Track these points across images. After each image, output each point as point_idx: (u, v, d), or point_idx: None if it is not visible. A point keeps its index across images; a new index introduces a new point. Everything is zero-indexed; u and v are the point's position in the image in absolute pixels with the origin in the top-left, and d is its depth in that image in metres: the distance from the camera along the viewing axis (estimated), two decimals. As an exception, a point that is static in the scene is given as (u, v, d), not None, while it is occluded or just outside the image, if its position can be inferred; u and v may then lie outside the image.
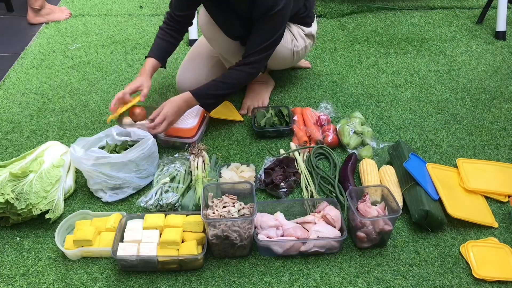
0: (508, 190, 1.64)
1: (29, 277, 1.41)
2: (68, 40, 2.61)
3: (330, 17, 2.80)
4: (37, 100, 2.15)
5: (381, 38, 2.60)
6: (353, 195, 1.51)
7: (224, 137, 1.93)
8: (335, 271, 1.41)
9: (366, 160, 1.73)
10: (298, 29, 1.96)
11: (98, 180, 1.60)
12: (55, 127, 1.99)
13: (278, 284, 1.38)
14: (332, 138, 1.85)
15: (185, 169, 1.69)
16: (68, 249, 1.43)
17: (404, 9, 2.87)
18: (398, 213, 1.40)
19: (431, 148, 1.86)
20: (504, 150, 1.84)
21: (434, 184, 1.60)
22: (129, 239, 1.42)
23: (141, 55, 2.47)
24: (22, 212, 1.49)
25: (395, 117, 2.02)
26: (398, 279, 1.39)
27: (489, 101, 2.11)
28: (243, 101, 2.10)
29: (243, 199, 1.53)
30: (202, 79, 1.98)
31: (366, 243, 1.46)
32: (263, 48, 1.71)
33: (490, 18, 2.72)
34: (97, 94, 2.18)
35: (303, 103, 2.11)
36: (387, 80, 2.26)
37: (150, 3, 3.00)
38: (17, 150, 1.87)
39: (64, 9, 2.85)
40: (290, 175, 1.67)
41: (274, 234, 1.46)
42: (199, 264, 1.41)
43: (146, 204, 1.58)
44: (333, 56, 2.45)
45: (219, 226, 1.39)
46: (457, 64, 2.37)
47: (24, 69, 2.37)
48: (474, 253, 1.44)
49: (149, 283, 1.38)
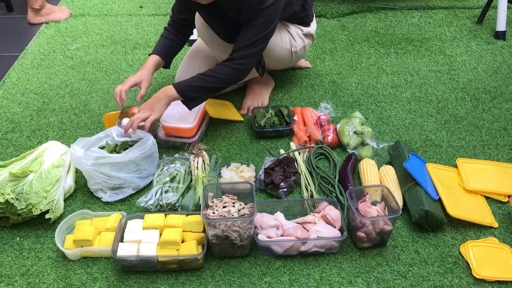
0: (508, 190, 1.64)
1: (29, 277, 1.41)
2: (68, 40, 2.61)
3: (330, 17, 2.81)
4: (37, 100, 2.15)
5: (381, 38, 2.60)
6: (353, 195, 1.51)
7: (224, 137, 1.93)
8: (335, 271, 1.41)
9: (366, 160, 1.73)
10: (296, 29, 1.96)
11: (98, 180, 1.60)
12: (55, 127, 1.99)
13: (278, 284, 1.38)
14: (332, 138, 1.85)
15: (185, 169, 1.69)
16: (68, 249, 1.43)
17: (404, 9, 2.87)
18: (398, 213, 1.40)
19: (431, 148, 1.86)
20: (504, 150, 1.84)
21: (434, 184, 1.60)
22: (129, 239, 1.42)
23: (141, 55, 2.47)
24: (22, 212, 1.49)
25: (395, 117, 2.02)
26: (398, 279, 1.39)
27: (489, 101, 2.11)
28: (243, 101, 2.10)
29: (243, 199, 1.53)
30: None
31: (366, 243, 1.46)
32: (249, 44, 1.68)
33: (490, 18, 2.72)
34: (97, 94, 2.19)
35: (303, 103, 2.11)
36: (387, 80, 2.26)
37: (150, 3, 3.00)
38: (17, 150, 1.87)
39: (64, 9, 2.85)
40: (290, 175, 1.67)
41: (274, 234, 1.46)
42: (199, 264, 1.41)
43: (146, 204, 1.58)
44: (333, 56, 2.45)
45: (219, 226, 1.39)
46: (457, 64, 2.37)
47: (24, 69, 2.37)
48: (474, 253, 1.44)
49: (149, 283, 1.39)
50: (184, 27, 1.94)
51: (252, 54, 1.70)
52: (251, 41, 1.68)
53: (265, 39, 1.71)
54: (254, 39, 1.68)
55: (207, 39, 1.90)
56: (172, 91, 1.68)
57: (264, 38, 1.71)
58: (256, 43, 1.69)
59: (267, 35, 1.70)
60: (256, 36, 1.68)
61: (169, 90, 1.69)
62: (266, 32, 1.69)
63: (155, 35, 2.65)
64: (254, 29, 1.68)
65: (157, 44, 1.92)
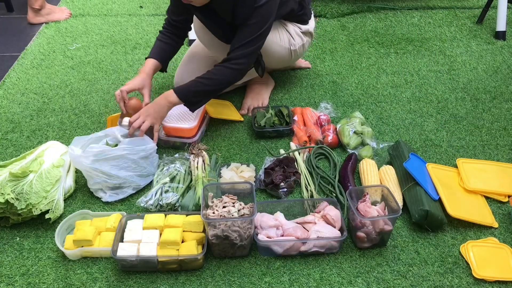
0: (508, 190, 1.64)
1: (29, 277, 1.41)
2: (68, 40, 2.61)
3: (330, 17, 2.81)
4: (37, 100, 2.15)
5: (381, 38, 2.60)
6: (353, 195, 1.51)
7: (224, 137, 1.93)
8: (335, 271, 1.41)
9: (366, 160, 1.73)
10: (294, 27, 1.95)
11: (98, 180, 1.60)
12: (55, 127, 1.99)
13: (278, 284, 1.38)
14: (332, 138, 1.85)
15: (185, 169, 1.69)
16: (68, 249, 1.43)
17: (404, 9, 2.87)
18: (398, 213, 1.40)
19: (431, 148, 1.86)
20: (504, 150, 1.84)
21: (434, 184, 1.60)
22: (129, 239, 1.42)
23: (141, 55, 2.47)
24: (22, 212, 1.49)
25: (395, 117, 2.02)
26: (398, 279, 1.39)
27: (489, 101, 2.11)
28: (243, 101, 2.10)
29: (243, 199, 1.53)
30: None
31: (366, 243, 1.46)
32: (246, 43, 1.68)
33: (490, 18, 2.72)
34: (97, 94, 2.18)
35: (303, 103, 2.11)
36: (387, 80, 2.26)
37: (150, 3, 3.00)
38: (17, 150, 1.87)
39: (64, 9, 2.85)
40: (290, 175, 1.67)
41: (274, 234, 1.46)
42: (199, 264, 1.41)
43: (146, 204, 1.58)
44: (333, 56, 2.45)
45: (219, 226, 1.39)
46: (457, 64, 2.37)
47: (24, 69, 2.37)
48: (474, 253, 1.44)
49: (149, 283, 1.39)
50: (179, 29, 1.92)
51: (249, 53, 1.70)
52: (247, 40, 1.68)
53: (262, 37, 1.71)
54: (250, 38, 1.67)
55: (205, 40, 1.90)
56: (173, 97, 1.69)
57: (261, 37, 1.70)
58: (253, 42, 1.69)
59: (263, 33, 1.70)
60: (252, 35, 1.67)
61: (170, 96, 1.69)
62: (262, 30, 1.68)
63: (155, 35, 2.61)
64: (250, 28, 1.67)
65: (153, 47, 1.91)
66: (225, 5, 1.66)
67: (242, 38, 1.68)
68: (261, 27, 1.68)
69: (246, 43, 1.68)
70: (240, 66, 1.71)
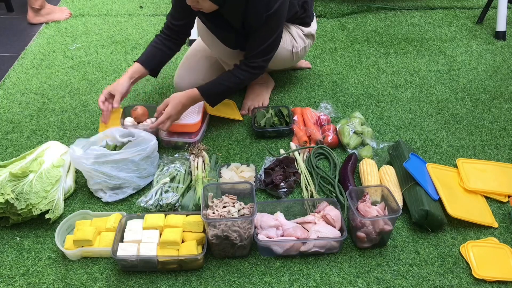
0: (508, 190, 1.64)
1: (29, 277, 1.41)
2: (68, 40, 2.61)
3: (330, 17, 2.81)
4: (37, 100, 2.15)
5: (381, 38, 2.60)
6: (353, 195, 1.51)
7: (224, 137, 1.93)
8: (335, 271, 1.41)
9: (366, 160, 1.73)
10: (297, 29, 1.96)
11: (98, 180, 1.60)
12: (55, 127, 1.99)
13: (278, 284, 1.38)
14: (332, 138, 1.85)
15: (185, 169, 1.69)
16: (68, 249, 1.43)
17: (404, 9, 2.88)
18: (398, 213, 1.40)
19: (431, 148, 1.86)
20: (504, 150, 1.84)
21: (434, 184, 1.60)
22: (129, 239, 1.42)
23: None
24: (22, 212, 1.49)
25: (395, 117, 2.02)
26: (398, 279, 1.39)
27: (489, 101, 2.11)
28: (243, 101, 2.10)
29: (243, 199, 1.53)
30: (200, 79, 1.99)
31: (366, 243, 1.46)
32: (263, 49, 1.73)
33: (490, 18, 2.72)
34: (97, 94, 2.18)
35: (303, 103, 2.11)
36: (387, 80, 2.26)
37: (150, 3, 3.00)
38: (17, 150, 1.87)
39: (64, 9, 2.85)
40: (290, 175, 1.67)
41: (274, 234, 1.46)
42: (199, 264, 1.41)
43: (146, 204, 1.58)
44: (333, 56, 2.45)
45: (219, 226, 1.39)
46: (457, 64, 2.37)
47: (24, 69, 2.37)
48: (474, 253, 1.44)
49: (149, 283, 1.39)
50: (178, 34, 1.87)
51: (268, 58, 1.78)
52: (265, 46, 1.72)
53: (277, 42, 1.77)
54: (267, 43, 1.72)
55: (209, 43, 1.90)
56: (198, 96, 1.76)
57: (276, 41, 1.76)
58: (270, 47, 1.75)
59: (277, 38, 1.74)
60: (268, 40, 1.72)
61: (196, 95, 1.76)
62: (276, 35, 1.73)
63: (155, 35, 2.64)
64: (266, 34, 1.71)
65: (144, 52, 1.88)
66: (235, 12, 1.67)
67: (259, 45, 1.72)
68: (275, 32, 1.72)
69: (264, 48, 1.73)
70: (258, 71, 1.80)
